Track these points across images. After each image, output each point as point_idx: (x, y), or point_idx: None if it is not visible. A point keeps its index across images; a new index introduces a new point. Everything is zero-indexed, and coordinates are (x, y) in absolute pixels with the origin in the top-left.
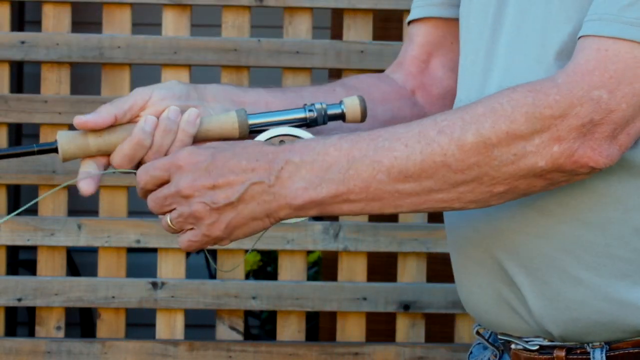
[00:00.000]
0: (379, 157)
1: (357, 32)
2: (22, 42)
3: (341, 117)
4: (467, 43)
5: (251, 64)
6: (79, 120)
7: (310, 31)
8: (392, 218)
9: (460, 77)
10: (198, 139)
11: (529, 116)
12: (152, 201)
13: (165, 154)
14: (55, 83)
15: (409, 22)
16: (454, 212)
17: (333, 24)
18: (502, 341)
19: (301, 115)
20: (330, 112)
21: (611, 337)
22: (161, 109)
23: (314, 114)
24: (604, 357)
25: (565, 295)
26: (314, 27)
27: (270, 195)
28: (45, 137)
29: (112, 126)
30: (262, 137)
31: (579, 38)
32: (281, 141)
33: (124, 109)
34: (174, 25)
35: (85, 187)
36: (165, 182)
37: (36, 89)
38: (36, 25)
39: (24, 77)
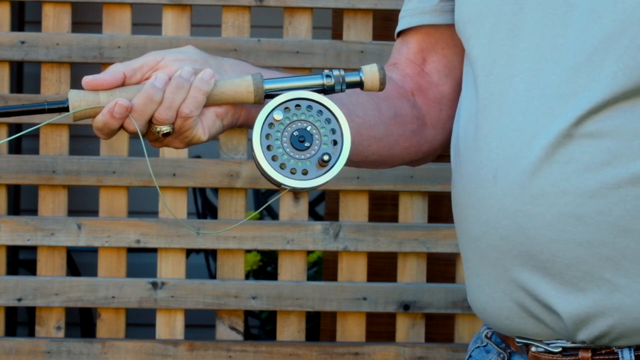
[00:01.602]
0: None
1: (357, 32)
2: (22, 42)
3: (359, 84)
4: (474, 50)
5: (251, 63)
6: (87, 79)
7: (310, 31)
8: (392, 218)
9: (467, 85)
10: (212, 102)
11: None
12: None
13: (177, 112)
14: (55, 83)
15: (399, 32)
16: (478, 220)
17: (334, 23)
18: (520, 344)
19: (318, 81)
20: (348, 79)
21: None
22: (174, 70)
23: (331, 81)
24: (633, 357)
25: (602, 302)
26: (314, 27)
27: None
28: (45, 137)
29: (124, 86)
30: (277, 100)
31: None
32: (297, 105)
33: (133, 67)
34: (174, 25)
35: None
36: None
37: (36, 89)
38: (36, 25)
39: (24, 77)
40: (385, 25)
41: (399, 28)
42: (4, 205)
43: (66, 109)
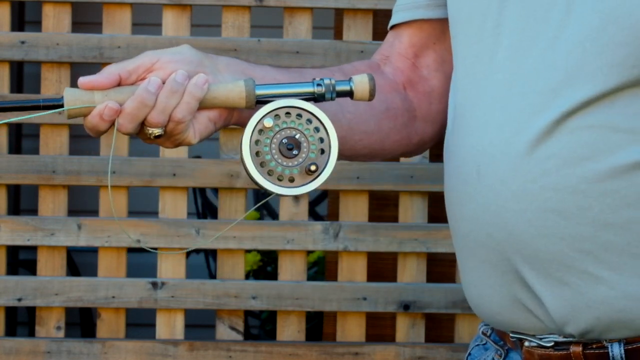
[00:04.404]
0: None
1: (357, 32)
2: (22, 42)
3: (349, 94)
4: (463, 47)
5: None
6: (83, 80)
7: (310, 31)
8: (392, 218)
9: (457, 80)
10: (204, 106)
11: None
12: None
13: (170, 116)
14: (55, 83)
15: (392, 26)
16: (464, 216)
17: (336, 22)
18: (514, 339)
19: (309, 89)
20: (338, 88)
21: (630, 335)
22: (169, 72)
23: (322, 89)
24: (623, 351)
25: (586, 295)
26: (316, 27)
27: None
28: (45, 137)
29: (120, 86)
30: (267, 107)
31: None
32: (287, 113)
33: (128, 69)
34: (174, 25)
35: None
36: None
37: (36, 89)
38: (36, 25)
39: (24, 77)
40: (387, 22)
41: (392, 22)
42: (4, 205)
43: (61, 106)
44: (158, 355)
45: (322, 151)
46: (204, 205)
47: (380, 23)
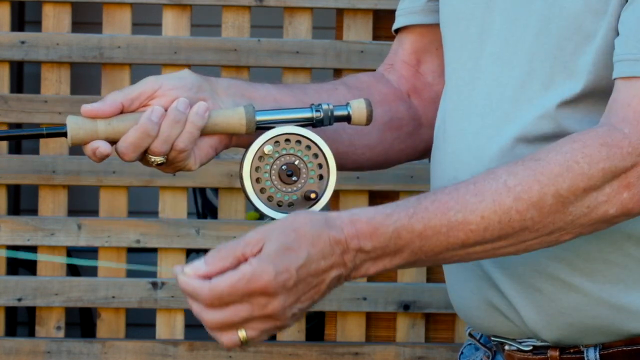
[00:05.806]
0: (455, 233)
1: (357, 32)
2: (22, 42)
3: (347, 119)
4: (449, 52)
5: (251, 64)
6: (85, 108)
7: (310, 31)
8: None
9: (445, 87)
10: (205, 132)
11: (606, 171)
12: (221, 319)
13: (172, 145)
14: (55, 83)
15: (395, 31)
16: None
17: (336, 23)
18: (495, 342)
19: (308, 114)
20: (336, 113)
21: (605, 341)
22: (171, 99)
23: (320, 115)
24: (598, 356)
25: (559, 301)
26: (317, 27)
27: (347, 279)
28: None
29: (122, 113)
30: (268, 134)
31: (618, 79)
32: (286, 140)
33: (131, 97)
34: (174, 25)
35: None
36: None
37: (36, 89)
38: (36, 25)
39: (24, 77)
40: (389, 21)
41: (393, 27)
42: (4, 205)
43: (64, 134)
44: (158, 355)
45: (321, 177)
46: (204, 205)
47: (380, 23)
